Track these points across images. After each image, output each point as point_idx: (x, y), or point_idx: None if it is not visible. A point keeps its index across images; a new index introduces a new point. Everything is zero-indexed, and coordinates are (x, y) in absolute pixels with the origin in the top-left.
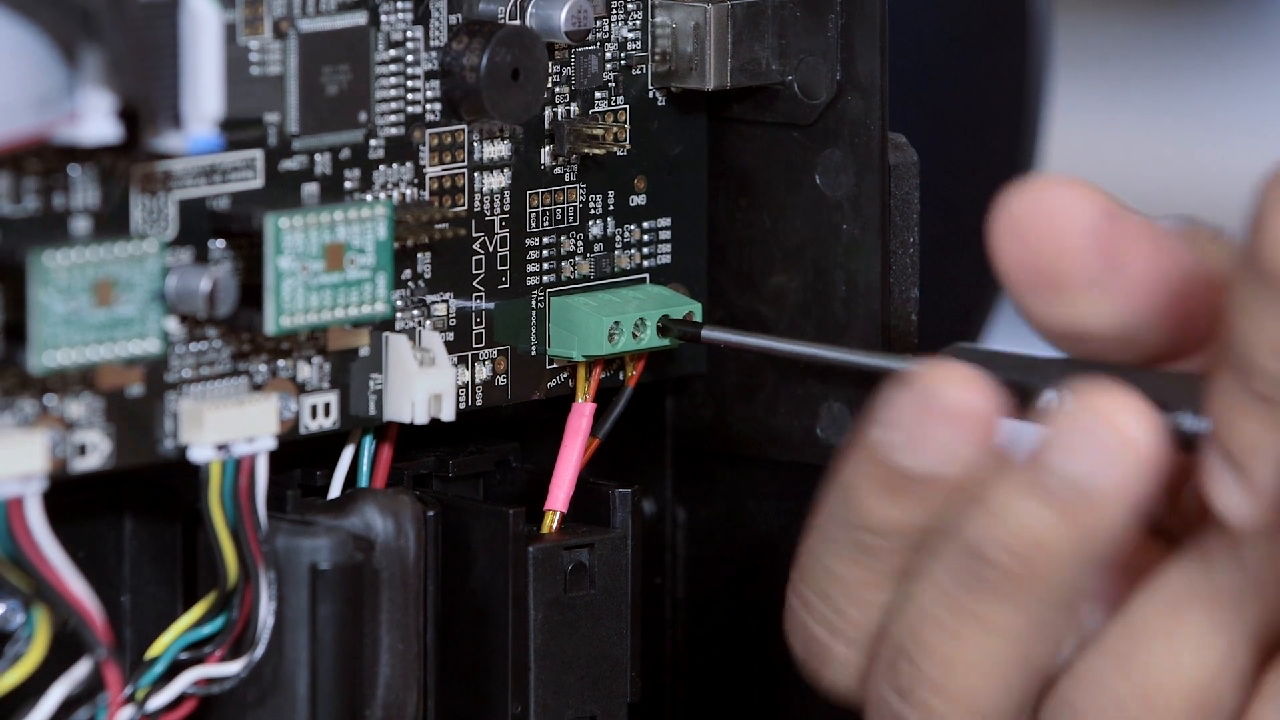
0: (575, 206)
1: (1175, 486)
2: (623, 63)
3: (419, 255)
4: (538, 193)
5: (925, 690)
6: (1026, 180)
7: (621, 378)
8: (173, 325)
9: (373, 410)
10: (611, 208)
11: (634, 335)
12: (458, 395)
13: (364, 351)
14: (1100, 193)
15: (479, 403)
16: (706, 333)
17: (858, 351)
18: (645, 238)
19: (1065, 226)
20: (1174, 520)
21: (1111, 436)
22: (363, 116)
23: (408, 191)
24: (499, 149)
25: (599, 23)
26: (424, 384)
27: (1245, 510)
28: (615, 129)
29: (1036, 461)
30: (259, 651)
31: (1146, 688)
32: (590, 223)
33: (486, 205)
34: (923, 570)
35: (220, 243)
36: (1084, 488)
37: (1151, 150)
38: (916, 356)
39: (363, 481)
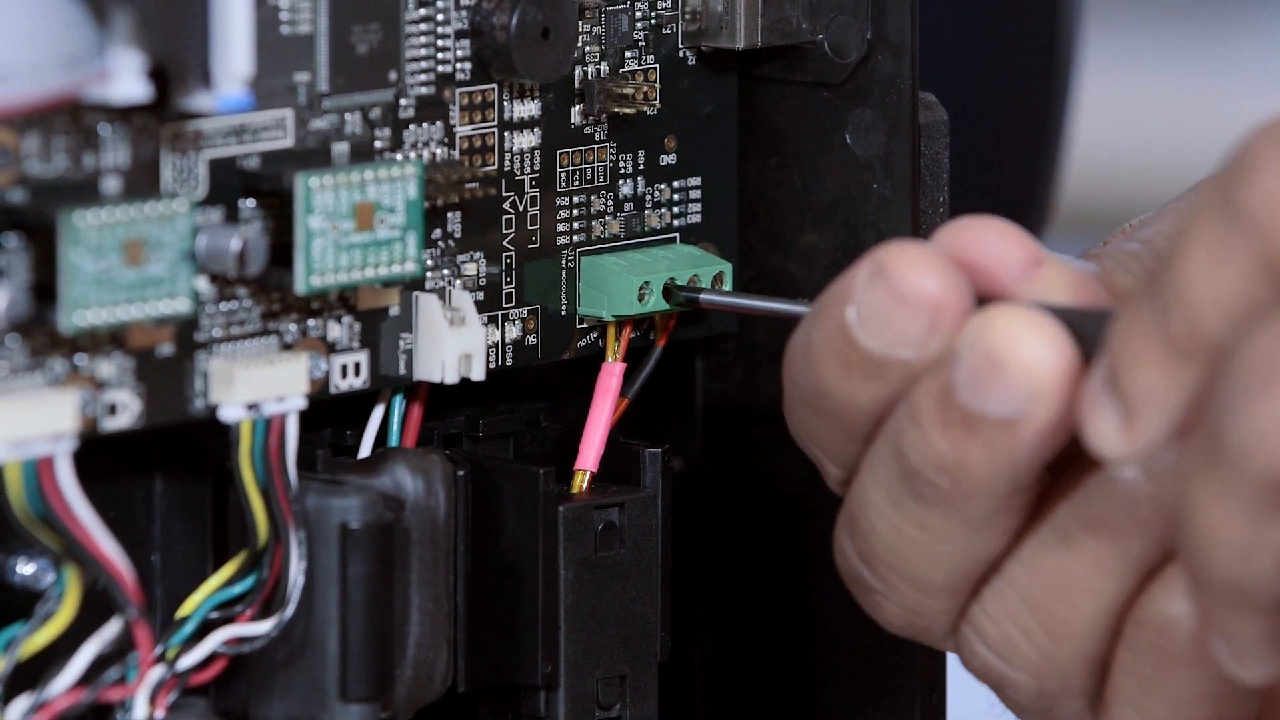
0: (605, 166)
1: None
2: (653, 21)
3: (449, 214)
4: (568, 152)
5: (882, 566)
6: (955, 221)
7: (651, 337)
8: (203, 285)
9: (403, 370)
10: (642, 167)
11: (664, 295)
12: (488, 355)
13: (394, 311)
14: (1024, 238)
15: (509, 362)
16: (706, 297)
17: None
18: (675, 197)
19: (990, 273)
20: None
21: (1015, 368)
22: (393, 76)
23: (438, 151)
24: (529, 108)
25: None
26: (454, 343)
27: (1119, 450)
28: (645, 88)
29: (951, 395)
30: (289, 611)
31: (1049, 622)
32: (620, 182)
33: (517, 164)
34: (870, 465)
35: (250, 202)
36: (997, 419)
37: (1183, 108)
38: None
39: (393, 441)
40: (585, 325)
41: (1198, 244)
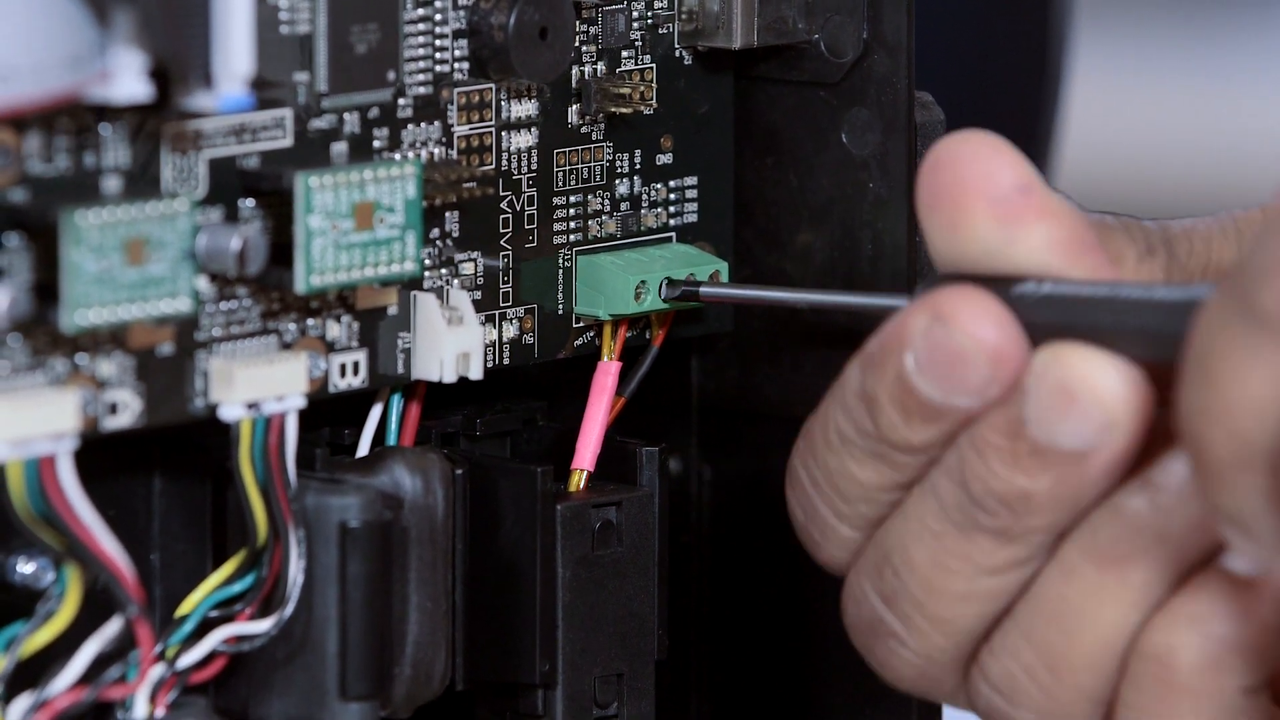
0: (602, 165)
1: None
2: (649, 21)
3: (447, 214)
4: (565, 151)
5: (908, 605)
6: (957, 133)
7: (648, 336)
8: (203, 284)
9: (401, 369)
10: (638, 166)
11: (660, 294)
12: (485, 354)
13: (392, 310)
14: (1021, 163)
15: (506, 361)
16: (705, 290)
17: (855, 294)
18: (672, 196)
19: (977, 191)
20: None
21: (1088, 399)
22: (391, 75)
23: (436, 150)
24: (526, 108)
25: None
26: (452, 342)
27: (1250, 568)
28: (642, 88)
29: (1019, 428)
30: (289, 609)
31: (1050, 656)
32: (617, 181)
33: (514, 164)
34: (921, 495)
35: (250, 201)
36: (1066, 452)
37: (1173, 109)
38: (913, 295)
39: (391, 440)
40: (582, 324)
41: (1224, 358)
